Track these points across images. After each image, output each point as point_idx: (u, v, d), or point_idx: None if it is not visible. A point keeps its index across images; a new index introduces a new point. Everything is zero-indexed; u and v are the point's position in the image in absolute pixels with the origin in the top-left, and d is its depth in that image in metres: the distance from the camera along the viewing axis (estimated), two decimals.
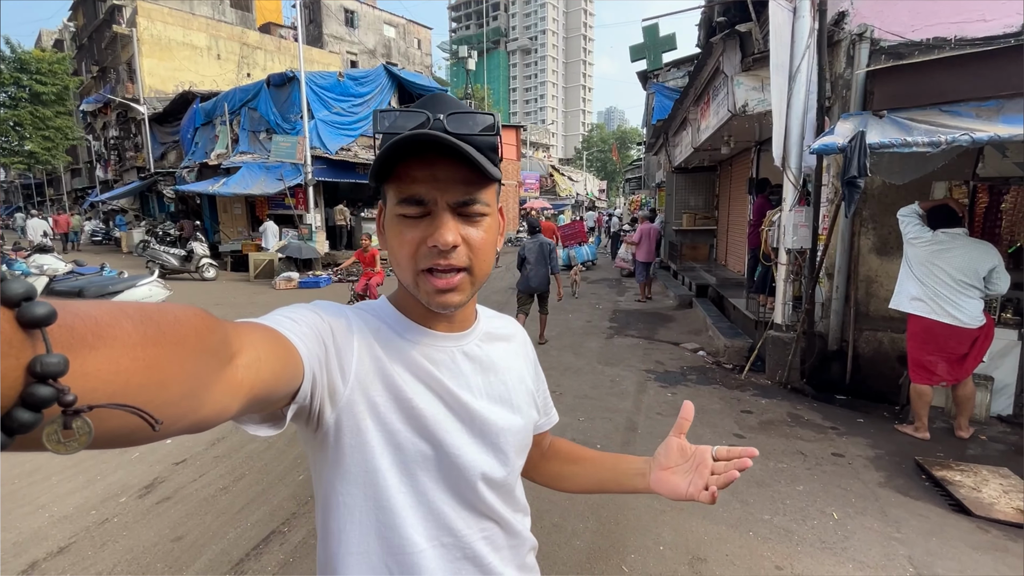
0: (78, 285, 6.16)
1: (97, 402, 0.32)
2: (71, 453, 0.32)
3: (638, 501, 2.84)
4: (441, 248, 0.64)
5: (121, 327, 0.34)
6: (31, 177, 34.95)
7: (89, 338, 0.32)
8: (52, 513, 2.79)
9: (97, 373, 0.32)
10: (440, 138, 0.60)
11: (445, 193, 0.64)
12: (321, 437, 0.65)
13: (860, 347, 4.81)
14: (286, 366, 0.53)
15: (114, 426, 0.34)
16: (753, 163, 8.54)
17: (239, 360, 0.45)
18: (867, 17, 4.64)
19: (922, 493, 2.91)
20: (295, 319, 0.60)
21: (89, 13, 28.27)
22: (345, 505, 0.67)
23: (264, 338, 0.52)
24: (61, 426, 0.31)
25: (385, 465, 0.66)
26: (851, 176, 3.27)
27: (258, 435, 0.56)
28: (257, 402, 0.49)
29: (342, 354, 0.63)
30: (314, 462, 0.69)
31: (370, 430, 0.65)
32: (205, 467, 3.30)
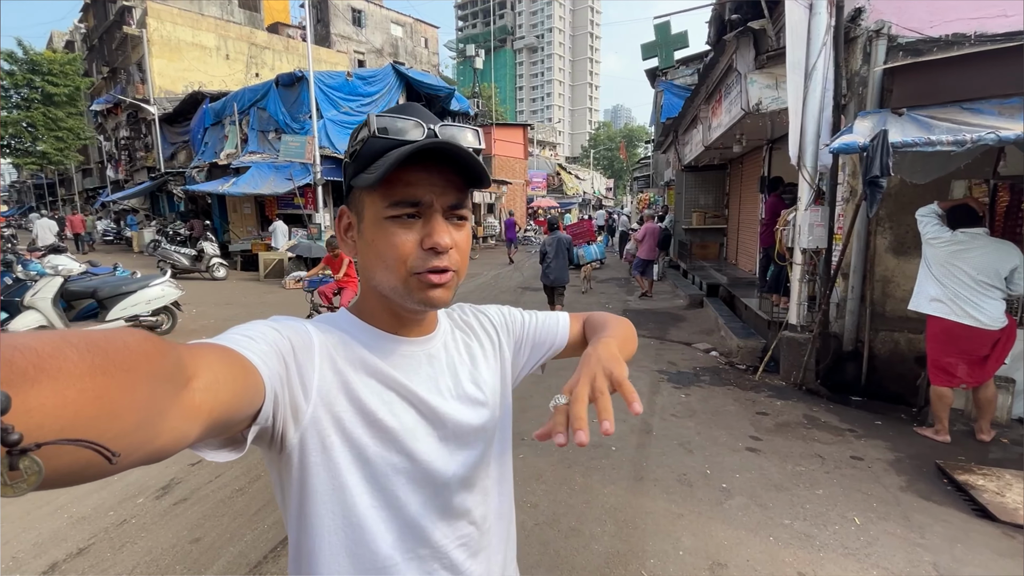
0: (92, 285, 6.21)
1: (45, 439, 0.30)
2: (19, 495, 0.30)
3: (656, 505, 2.82)
4: (440, 249, 0.65)
5: (65, 357, 0.32)
6: (43, 177, 35.37)
7: (30, 371, 0.30)
8: (71, 514, 2.81)
9: (41, 408, 0.30)
10: (455, 148, 0.63)
11: (440, 197, 0.66)
12: (286, 457, 0.63)
13: (876, 348, 4.75)
14: (246, 387, 0.51)
15: (66, 462, 0.32)
16: (765, 161, 8.46)
17: (195, 383, 0.43)
18: (884, 13, 4.57)
19: (944, 498, 2.87)
20: (252, 337, 0.58)
21: (99, 14, 28.52)
22: (313, 526, 0.65)
23: (221, 359, 0.50)
24: (7, 467, 0.29)
25: (353, 481, 0.65)
26: (874, 175, 3.21)
27: (216, 460, 0.54)
28: (217, 426, 0.47)
29: (303, 370, 0.61)
30: (280, 483, 0.67)
31: (336, 446, 0.63)
32: (220, 468, 3.31)
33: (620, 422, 3.99)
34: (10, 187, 53.52)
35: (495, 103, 40.97)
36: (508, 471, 0.85)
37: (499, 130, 25.78)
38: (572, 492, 2.96)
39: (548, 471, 3.21)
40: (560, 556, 2.42)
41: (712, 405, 4.31)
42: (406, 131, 0.66)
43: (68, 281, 5.95)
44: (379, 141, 0.65)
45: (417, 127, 0.67)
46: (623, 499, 2.88)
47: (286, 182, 13.09)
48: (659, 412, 4.18)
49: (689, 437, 3.68)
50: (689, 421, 3.97)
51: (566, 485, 3.05)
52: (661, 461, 3.33)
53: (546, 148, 49.84)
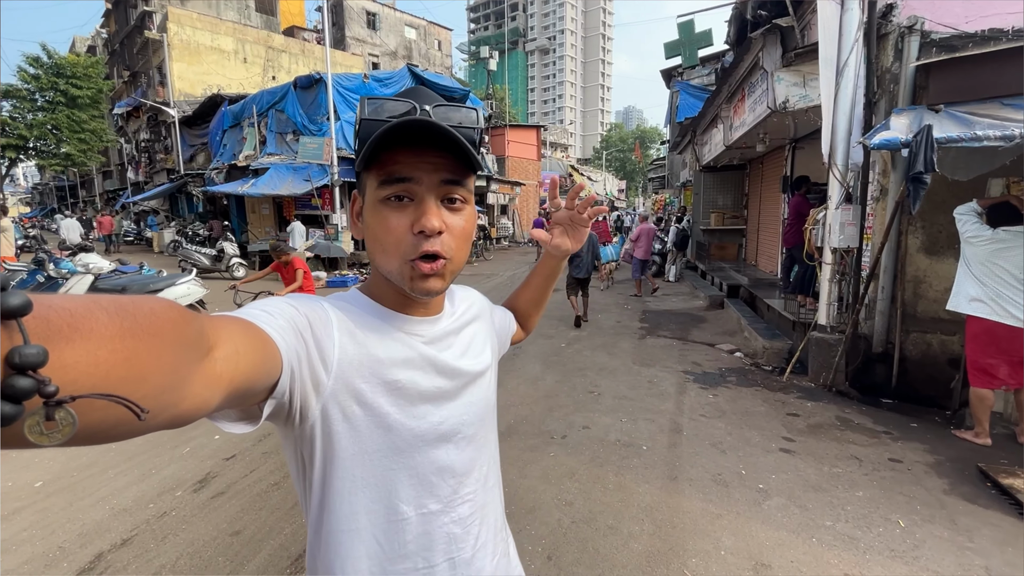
0: (121, 283, 6.32)
1: (79, 393, 0.31)
2: (54, 445, 0.31)
3: (692, 505, 2.79)
4: (427, 233, 0.65)
5: (97, 319, 0.33)
6: (65, 179, 36.10)
7: (65, 330, 0.31)
8: (112, 506, 2.85)
9: (76, 365, 0.31)
10: (433, 124, 0.62)
11: (432, 175, 0.66)
12: (308, 428, 0.65)
13: (907, 349, 4.67)
14: (265, 359, 0.53)
15: (97, 418, 0.33)
16: (787, 161, 8.36)
17: (217, 352, 0.44)
18: (917, 8, 4.49)
19: (990, 501, 2.80)
20: (271, 312, 0.59)
21: (121, 20, 29.08)
22: (336, 489, 0.68)
23: (241, 331, 0.51)
24: (44, 417, 0.30)
25: (374, 447, 0.68)
26: (917, 172, 3.16)
27: (232, 431, 0.56)
28: (237, 395, 0.48)
29: (322, 345, 0.63)
30: (297, 456, 0.69)
31: (357, 416, 0.66)
32: (255, 463, 3.34)
33: (649, 421, 3.96)
34: (33, 189, 54.71)
35: (508, 105, 41.02)
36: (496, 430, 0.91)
37: (512, 131, 25.81)
38: (606, 491, 2.94)
39: (580, 469, 3.19)
40: (600, 554, 2.41)
41: (741, 406, 4.26)
42: (396, 112, 0.68)
43: (98, 279, 6.06)
44: (372, 124, 0.67)
45: (403, 107, 0.68)
46: (658, 498, 2.86)
47: (304, 183, 13.21)
48: (687, 412, 4.14)
49: (720, 437, 3.64)
50: (719, 422, 3.92)
51: (599, 483, 3.03)
52: (694, 461, 3.29)
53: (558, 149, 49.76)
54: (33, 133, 18.43)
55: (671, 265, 12.01)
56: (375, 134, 0.62)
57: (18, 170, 49.36)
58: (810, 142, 7.75)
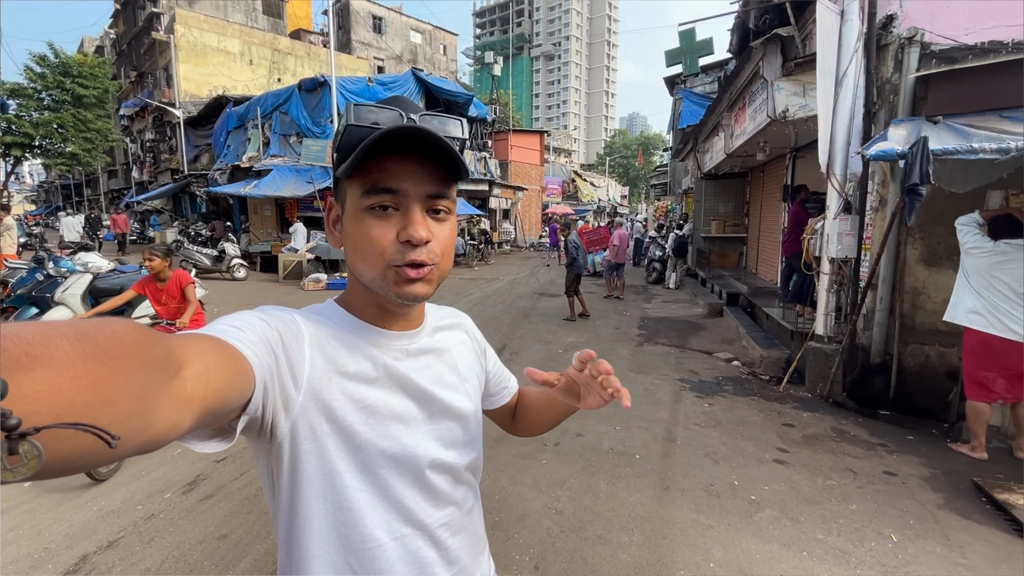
0: (120, 283, 6.31)
1: (42, 424, 0.30)
2: (19, 480, 0.30)
3: (683, 516, 2.77)
4: (415, 242, 0.64)
5: (56, 346, 0.32)
6: (70, 178, 36.30)
7: (23, 359, 0.30)
8: (101, 507, 2.85)
9: (36, 395, 0.30)
10: (429, 133, 0.61)
11: (418, 186, 0.65)
12: (276, 446, 0.63)
13: (905, 361, 4.64)
14: (236, 376, 0.51)
15: (64, 448, 0.32)
16: (788, 170, 8.36)
17: (186, 372, 0.43)
18: (917, 20, 4.49)
19: (984, 517, 2.77)
20: (240, 328, 0.58)
21: (129, 21, 29.33)
22: (305, 511, 0.66)
23: (210, 348, 0.50)
24: (6, 452, 0.29)
25: (344, 466, 0.66)
26: (913, 183, 3.15)
27: (205, 451, 0.54)
28: (209, 415, 0.47)
29: (293, 360, 0.61)
30: (269, 472, 0.67)
31: (327, 434, 0.64)
32: (245, 465, 3.33)
33: (643, 430, 3.94)
34: (39, 187, 55.04)
35: (512, 110, 41.15)
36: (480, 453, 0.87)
37: (516, 136, 25.88)
38: (597, 500, 2.92)
39: (572, 477, 3.17)
40: (588, 564, 2.38)
41: (736, 415, 4.23)
42: (382, 119, 0.66)
43: (97, 278, 6.06)
44: (357, 130, 0.65)
45: (393, 115, 0.67)
46: (650, 508, 2.84)
47: (306, 185, 13.26)
48: (682, 421, 4.11)
49: (714, 447, 3.62)
50: (713, 431, 3.90)
51: (591, 492, 3.01)
52: (687, 471, 3.27)
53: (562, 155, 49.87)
54: (39, 132, 18.52)
55: (671, 272, 11.99)
56: (366, 140, 0.60)
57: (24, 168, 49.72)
58: (811, 151, 7.74)
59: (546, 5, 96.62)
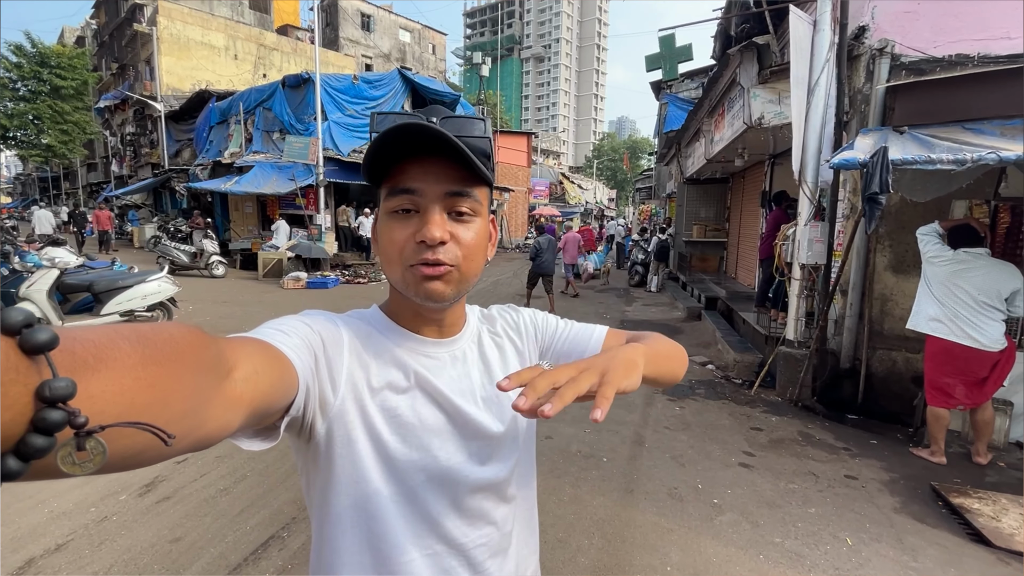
0: (88, 279, 6.18)
1: (106, 422, 0.32)
2: (86, 474, 0.32)
3: (645, 519, 2.78)
4: (428, 243, 0.64)
5: (119, 348, 0.34)
6: (48, 170, 35.48)
7: (91, 361, 0.32)
8: (52, 509, 2.77)
9: (102, 395, 0.32)
10: (432, 129, 0.61)
11: (435, 185, 0.65)
12: (313, 448, 0.65)
13: (873, 366, 4.72)
14: (282, 378, 0.53)
15: (126, 445, 0.34)
16: (767, 176, 8.47)
17: (236, 374, 0.45)
18: (888, 32, 4.58)
19: (939, 521, 2.82)
20: (285, 331, 0.60)
21: (111, 11, 28.76)
22: (337, 515, 0.66)
23: (258, 351, 0.52)
24: (75, 448, 0.31)
25: (376, 475, 0.66)
26: (872, 192, 3.20)
27: (251, 449, 0.56)
28: (256, 415, 0.49)
29: (332, 365, 0.63)
30: (306, 472, 0.69)
31: (360, 440, 0.65)
32: (207, 467, 3.27)
33: (612, 432, 3.95)
34: (15, 179, 53.71)
35: (500, 111, 41.15)
36: (532, 477, 0.84)
37: (503, 138, 25.88)
38: (561, 503, 2.92)
39: (538, 481, 3.16)
40: (546, 568, 2.36)
41: (706, 419, 4.27)
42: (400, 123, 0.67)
43: (64, 274, 5.92)
44: None
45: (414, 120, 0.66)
46: (612, 511, 2.84)
47: (288, 182, 13.10)
48: (652, 424, 4.14)
49: (682, 451, 3.64)
50: (682, 434, 3.93)
51: (555, 495, 3.00)
52: (652, 474, 3.28)
53: (550, 157, 50.01)
54: (13, 123, 18.08)
55: (653, 276, 12.07)
56: (372, 141, 0.62)
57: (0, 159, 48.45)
58: (789, 158, 7.79)
59: (537, 7, 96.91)
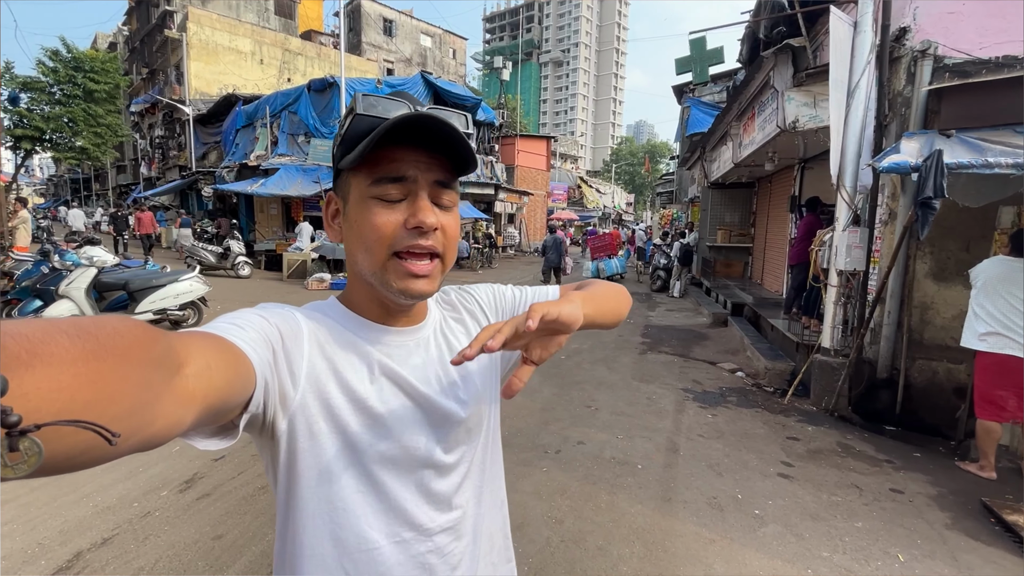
0: (124, 277, 6.33)
1: (42, 421, 0.30)
2: (19, 477, 0.30)
3: (685, 528, 2.72)
4: (424, 228, 0.63)
5: (57, 343, 0.32)
6: (79, 172, 36.56)
7: (23, 356, 0.30)
8: (96, 503, 2.82)
9: (37, 392, 0.30)
10: (442, 120, 0.60)
11: (425, 173, 0.64)
12: (275, 444, 0.63)
13: (912, 376, 4.58)
14: (238, 374, 0.51)
15: (65, 446, 0.32)
16: (796, 181, 8.32)
17: (187, 370, 0.43)
18: (930, 33, 4.46)
19: (993, 538, 2.71)
20: (241, 325, 0.57)
21: (143, 18, 29.59)
22: (301, 509, 0.65)
23: (212, 346, 0.50)
24: (7, 448, 0.29)
25: (340, 467, 0.65)
26: (926, 197, 3.10)
27: (207, 449, 0.54)
28: (211, 412, 0.47)
29: (291, 358, 0.61)
30: (270, 468, 0.67)
31: (324, 433, 0.63)
32: (243, 465, 3.30)
33: (646, 440, 3.89)
34: (48, 180, 55.47)
35: (519, 115, 41.24)
36: (498, 458, 0.85)
37: (522, 141, 25.91)
38: (598, 510, 2.88)
39: (573, 486, 3.13)
40: (587, 574, 2.34)
41: (740, 427, 4.18)
42: (391, 110, 0.65)
43: (101, 272, 6.07)
44: (364, 120, 0.64)
45: (402, 106, 0.66)
46: (651, 520, 2.79)
47: (313, 185, 13.30)
48: (685, 432, 4.06)
49: (718, 459, 3.57)
50: (717, 442, 3.85)
51: (591, 502, 2.96)
52: (690, 483, 3.22)
53: (568, 161, 49.91)
54: (49, 125, 18.65)
55: (675, 280, 11.94)
56: (379, 127, 0.60)
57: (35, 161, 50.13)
58: (819, 162, 7.71)
59: (556, 12, 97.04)
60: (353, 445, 0.65)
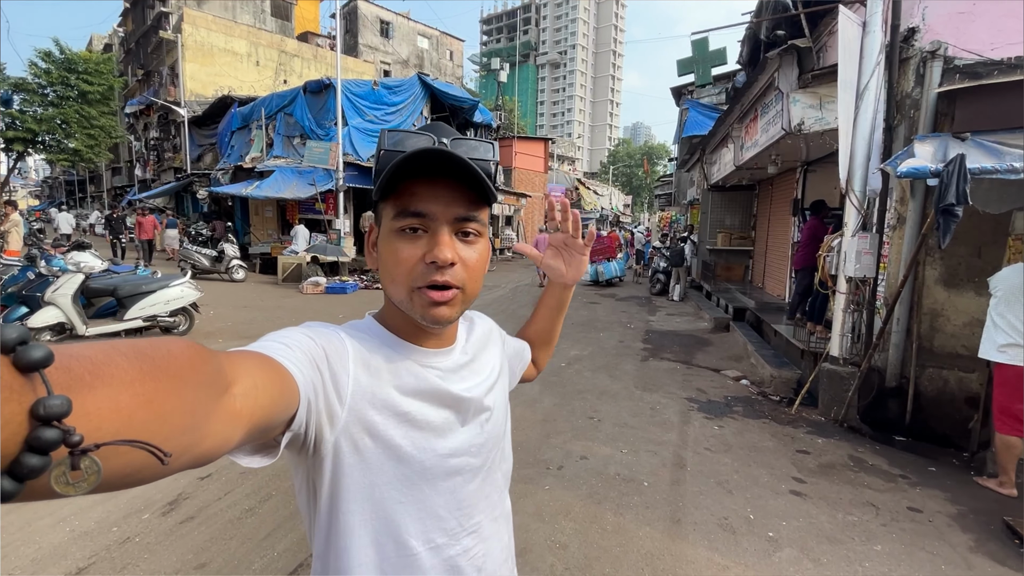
0: (113, 283, 6.16)
1: (103, 440, 0.31)
2: (80, 494, 0.31)
3: (697, 554, 2.58)
4: (440, 264, 0.65)
5: (117, 365, 0.33)
6: (74, 174, 36.23)
7: (87, 378, 0.32)
8: (73, 527, 2.66)
9: (98, 412, 0.31)
10: (451, 154, 0.62)
11: (447, 209, 0.66)
12: (319, 460, 0.64)
13: (922, 385, 4.46)
14: (283, 393, 0.53)
15: (122, 463, 0.33)
16: (799, 184, 8.21)
17: (235, 389, 0.44)
18: (940, 34, 4.35)
19: (1021, 563, 2.58)
20: (288, 344, 0.59)
21: (138, 19, 29.37)
22: (346, 523, 0.67)
23: (259, 366, 0.51)
24: (69, 467, 0.30)
25: (384, 480, 0.67)
26: (948, 203, 2.97)
27: (250, 466, 0.55)
28: (256, 431, 0.48)
29: (337, 376, 0.63)
30: (307, 485, 0.68)
31: (369, 448, 0.65)
32: (231, 483, 3.14)
33: (651, 454, 3.75)
34: (42, 182, 55.11)
35: (516, 116, 41.13)
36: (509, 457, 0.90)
37: (520, 143, 25.79)
38: (604, 533, 2.73)
39: (577, 506, 2.99)
40: None
41: (748, 439, 4.04)
42: (416, 144, 0.68)
43: (89, 278, 5.90)
44: (390, 154, 0.67)
45: (422, 140, 0.69)
46: (661, 544, 2.65)
47: (309, 187, 13.13)
48: (692, 445, 3.92)
49: (727, 475, 3.43)
50: (725, 457, 3.71)
51: (597, 524, 2.82)
52: (699, 502, 3.08)
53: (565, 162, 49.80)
54: (42, 127, 18.41)
55: (675, 284, 11.81)
56: (392, 163, 0.63)
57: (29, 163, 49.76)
58: (822, 165, 7.60)
59: (553, 14, 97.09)
60: (397, 458, 0.67)
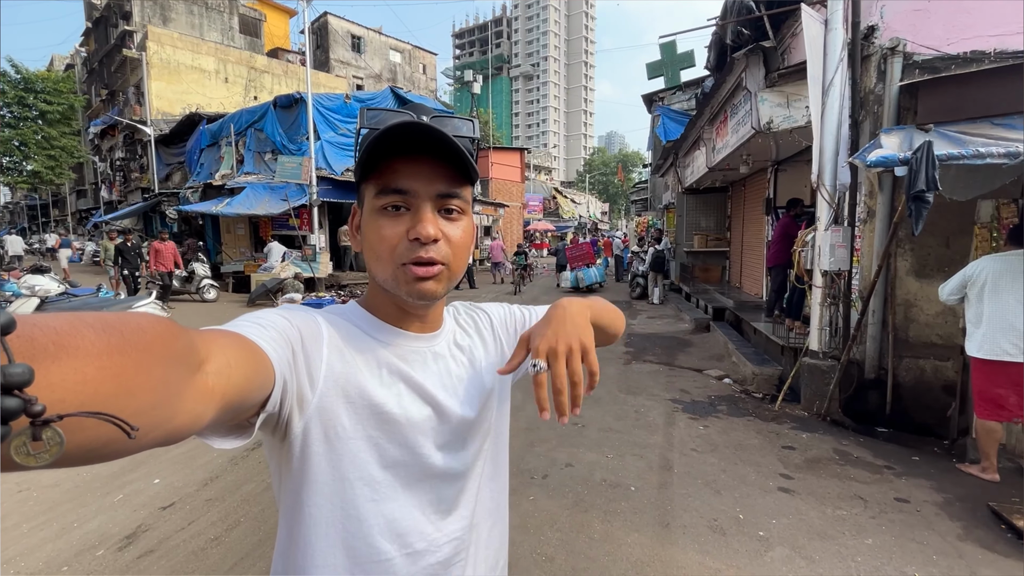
0: (72, 306, 5.88)
1: (66, 412, 0.31)
2: (41, 466, 0.31)
3: (688, 558, 2.49)
4: (423, 240, 0.63)
5: (83, 336, 0.33)
6: (36, 197, 35.05)
7: (51, 348, 0.31)
8: (18, 569, 2.44)
9: (62, 383, 0.31)
10: (430, 128, 0.61)
11: (428, 186, 0.65)
12: (288, 446, 0.62)
13: (900, 375, 4.49)
14: (257, 372, 0.51)
15: (86, 437, 0.32)
16: (770, 183, 8.33)
17: (208, 366, 0.43)
18: (898, 31, 4.46)
19: (1010, 548, 2.56)
20: (263, 324, 0.57)
21: (100, 39, 28.71)
22: (311, 516, 0.64)
23: (232, 344, 0.49)
24: (30, 437, 0.30)
25: (355, 475, 0.64)
26: (919, 190, 2.99)
27: (222, 447, 0.53)
28: (229, 409, 0.47)
29: (311, 360, 0.61)
30: (278, 472, 0.66)
31: (340, 438, 0.63)
32: (195, 512, 2.95)
33: (637, 457, 3.67)
34: (3, 208, 53.16)
35: (492, 128, 41.36)
36: (503, 470, 0.84)
37: (496, 154, 25.87)
38: (592, 542, 2.63)
39: (563, 516, 2.88)
40: None
41: (734, 438, 4.00)
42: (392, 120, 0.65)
43: (45, 303, 5.62)
44: (370, 134, 0.65)
45: (402, 117, 0.66)
46: (650, 550, 2.55)
47: (281, 203, 12.87)
48: (678, 446, 3.86)
49: (714, 475, 3.36)
50: (712, 456, 3.65)
51: (584, 533, 2.71)
52: (687, 504, 3.00)
53: (542, 172, 50.19)
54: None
55: (654, 287, 11.86)
56: (370, 139, 0.62)
57: None
58: (793, 164, 7.73)
59: (524, 27, 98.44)
60: (368, 450, 0.64)
